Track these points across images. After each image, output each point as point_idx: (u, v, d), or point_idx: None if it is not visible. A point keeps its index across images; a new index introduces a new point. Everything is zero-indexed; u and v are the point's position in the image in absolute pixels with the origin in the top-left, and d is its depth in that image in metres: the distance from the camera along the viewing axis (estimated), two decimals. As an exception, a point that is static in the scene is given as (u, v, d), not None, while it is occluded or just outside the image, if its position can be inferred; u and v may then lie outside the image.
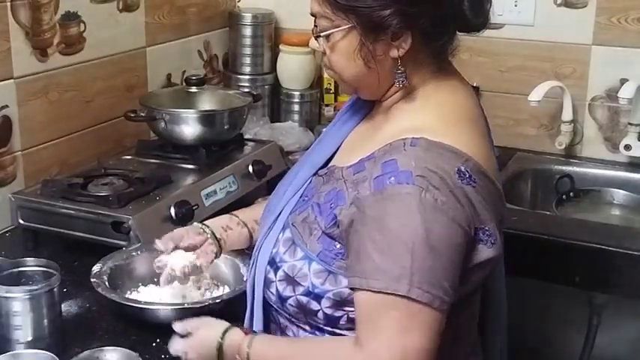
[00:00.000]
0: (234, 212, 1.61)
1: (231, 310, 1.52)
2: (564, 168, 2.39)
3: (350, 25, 1.23)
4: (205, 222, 1.58)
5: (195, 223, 1.58)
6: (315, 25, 1.29)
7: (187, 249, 1.52)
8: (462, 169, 1.19)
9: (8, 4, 1.82)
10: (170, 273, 1.51)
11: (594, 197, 2.30)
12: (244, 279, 1.56)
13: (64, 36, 1.99)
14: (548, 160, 2.44)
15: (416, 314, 1.13)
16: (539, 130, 2.49)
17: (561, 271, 1.92)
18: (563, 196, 2.27)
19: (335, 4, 1.23)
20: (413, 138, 1.20)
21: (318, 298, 1.25)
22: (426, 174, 1.16)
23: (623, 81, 2.29)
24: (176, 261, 1.51)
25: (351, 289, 1.19)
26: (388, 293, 1.13)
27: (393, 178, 1.16)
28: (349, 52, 1.25)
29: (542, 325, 2.18)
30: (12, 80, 1.86)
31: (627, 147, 2.32)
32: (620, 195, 2.29)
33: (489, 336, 1.45)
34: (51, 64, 1.96)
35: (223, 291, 1.59)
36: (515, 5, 2.42)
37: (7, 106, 1.85)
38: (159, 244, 1.52)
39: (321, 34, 1.27)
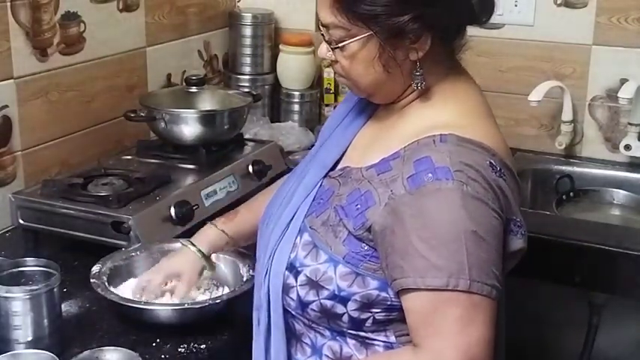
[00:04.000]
0: (223, 226, 1.59)
1: (230, 310, 1.52)
2: (564, 168, 2.39)
3: (369, 34, 1.21)
4: (194, 240, 1.59)
5: (180, 241, 1.62)
6: (322, 34, 1.28)
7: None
8: (493, 162, 1.20)
9: (8, 4, 1.82)
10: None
11: (594, 197, 2.30)
12: (244, 279, 1.56)
13: (64, 36, 1.99)
14: (548, 160, 2.44)
15: (476, 307, 1.14)
16: (539, 130, 2.49)
17: (561, 271, 1.92)
18: (563, 196, 2.27)
19: (353, 13, 1.20)
20: (441, 134, 1.21)
21: (344, 301, 1.23)
22: (463, 168, 1.17)
23: (623, 81, 2.29)
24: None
25: (399, 291, 1.18)
26: (448, 290, 1.13)
27: (430, 175, 1.16)
28: (368, 60, 1.23)
29: (542, 325, 2.18)
30: (12, 80, 1.86)
31: (627, 147, 2.32)
32: (620, 195, 2.29)
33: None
34: (51, 64, 1.96)
35: (223, 291, 1.59)
36: (515, 5, 2.42)
37: (7, 106, 1.85)
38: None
39: (339, 45, 1.24)
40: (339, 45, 1.24)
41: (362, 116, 1.40)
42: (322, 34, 1.28)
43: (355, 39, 1.22)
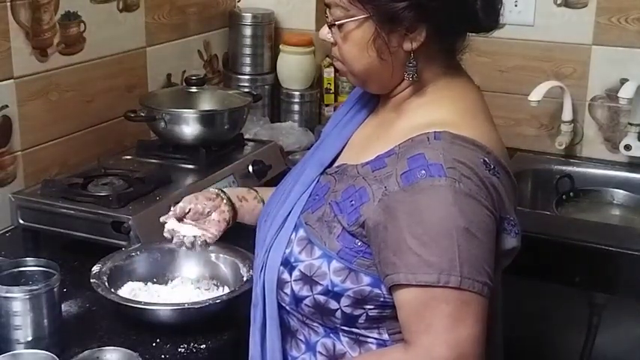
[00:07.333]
0: (254, 188, 1.62)
1: (230, 310, 1.52)
2: (564, 168, 2.39)
3: (366, 15, 1.23)
4: (223, 189, 1.58)
5: (210, 188, 1.58)
6: (326, 16, 1.30)
7: (196, 214, 1.53)
8: (486, 160, 1.21)
9: (8, 4, 1.82)
10: (180, 239, 1.53)
11: (594, 197, 2.30)
12: (244, 279, 1.56)
13: (64, 36, 1.99)
14: (548, 160, 2.45)
15: (467, 304, 1.14)
16: (539, 130, 2.49)
17: (561, 271, 1.92)
18: (563, 196, 2.27)
19: None
20: (435, 132, 1.21)
21: (337, 296, 1.24)
22: (456, 165, 1.17)
23: (623, 81, 2.30)
24: (186, 231, 1.53)
25: (391, 287, 1.18)
26: (439, 286, 1.13)
27: (424, 172, 1.17)
28: (362, 43, 1.25)
29: (542, 325, 2.18)
30: (12, 80, 1.86)
31: (627, 147, 2.33)
32: (620, 195, 2.29)
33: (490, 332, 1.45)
34: (51, 64, 1.96)
35: (223, 291, 1.59)
36: (516, 5, 2.43)
37: (7, 106, 1.85)
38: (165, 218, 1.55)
39: (336, 22, 1.26)
40: (336, 23, 1.27)
41: (360, 115, 1.41)
42: (326, 17, 1.30)
43: (352, 19, 1.25)
